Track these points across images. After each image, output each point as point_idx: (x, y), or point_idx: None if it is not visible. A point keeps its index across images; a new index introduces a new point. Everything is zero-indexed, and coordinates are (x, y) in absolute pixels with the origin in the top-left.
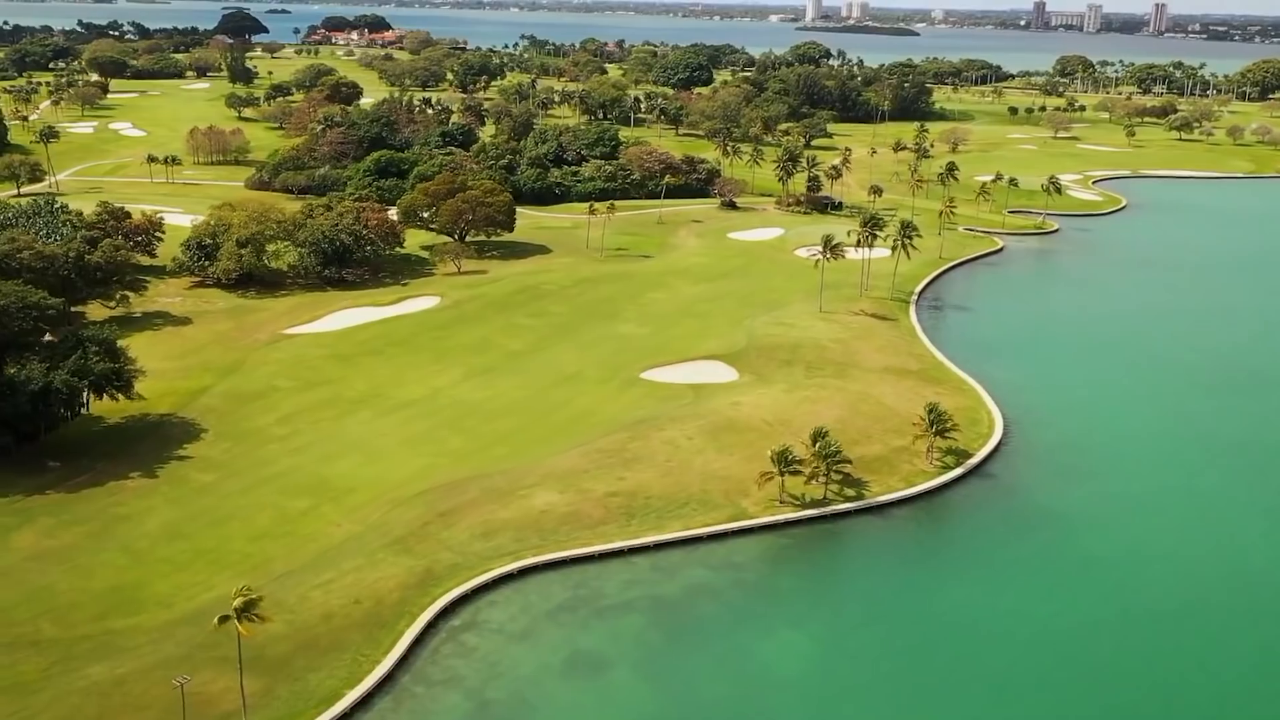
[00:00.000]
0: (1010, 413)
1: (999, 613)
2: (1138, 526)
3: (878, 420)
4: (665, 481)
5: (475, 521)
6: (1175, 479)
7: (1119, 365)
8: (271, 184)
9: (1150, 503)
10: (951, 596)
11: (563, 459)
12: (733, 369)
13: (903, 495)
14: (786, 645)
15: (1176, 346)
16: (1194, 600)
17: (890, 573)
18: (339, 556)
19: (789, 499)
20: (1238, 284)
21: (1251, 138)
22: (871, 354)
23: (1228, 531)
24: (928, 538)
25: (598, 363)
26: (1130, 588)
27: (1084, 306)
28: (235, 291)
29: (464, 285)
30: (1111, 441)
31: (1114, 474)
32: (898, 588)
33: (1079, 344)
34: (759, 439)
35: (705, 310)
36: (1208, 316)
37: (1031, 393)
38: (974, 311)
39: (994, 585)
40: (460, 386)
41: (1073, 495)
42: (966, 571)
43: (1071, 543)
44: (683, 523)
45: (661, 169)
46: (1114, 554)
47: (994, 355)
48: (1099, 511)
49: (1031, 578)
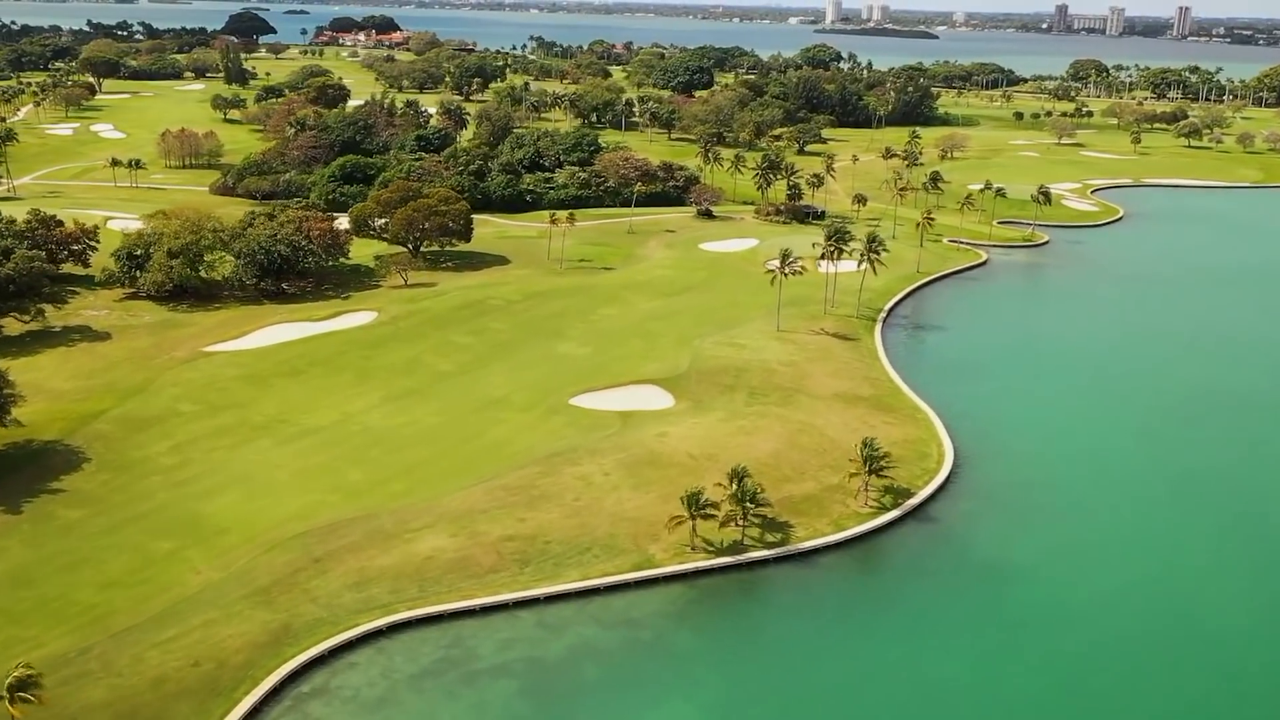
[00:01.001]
0: (964, 445)
1: (924, 681)
2: (1085, 583)
3: (816, 454)
4: (569, 524)
5: (350, 569)
6: (1135, 528)
7: (1091, 393)
8: (235, 189)
9: (1102, 554)
10: (870, 660)
11: (464, 496)
12: (669, 395)
13: (829, 541)
14: (674, 718)
15: (1157, 373)
16: (1138, 669)
17: (805, 631)
18: (190, 609)
19: (701, 545)
20: (1232, 302)
21: (1263, 145)
22: (823, 378)
23: (1189, 599)
24: (850, 590)
25: (528, 386)
26: (1068, 654)
27: (1063, 326)
28: (167, 304)
29: (406, 299)
30: (1069, 481)
31: (1066, 519)
32: (812, 649)
33: (1052, 368)
34: (681, 475)
35: (656, 328)
36: (1195, 339)
37: (990, 423)
38: (945, 331)
39: (920, 648)
40: (374, 412)
41: (1017, 543)
42: (889, 631)
43: (1009, 599)
44: (581, 571)
45: (637, 176)
46: (1053, 613)
47: (958, 380)
48: (1044, 563)
49: (962, 640)
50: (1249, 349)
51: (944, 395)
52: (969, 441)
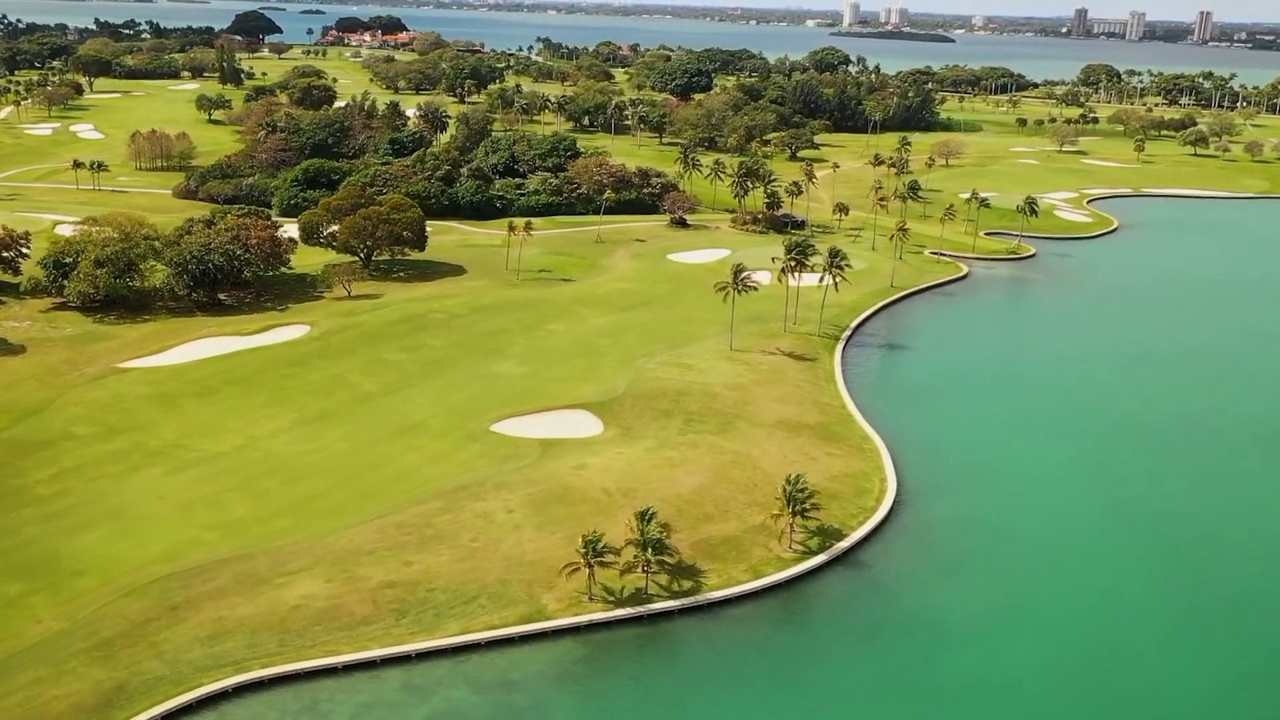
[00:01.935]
0: (910, 480)
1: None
2: (1021, 644)
3: (745, 489)
4: (459, 568)
5: (207, 619)
6: (1083, 581)
7: (1056, 421)
8: (198, 193)
9: (1044, 610)
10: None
11: (352, 535)
12: (599, 421)
13: (743, 590)
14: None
15: (1130, 399)
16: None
17: (705, 696)
18: (20, 665)
19: (600, 594)
20: (1218, 320)
21: (1271, 154)
22: (768, 403)
23: (1138, 666)
24: (760, 648)
25: (451, 410)
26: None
27: (1037, 346)
28: (94, 316)
29: (345, 312)
30: (1018, 523)
31: (1007, 567)
32: (711, 718)
33: (1018, 393)
34: (592, 514)
35: (602, 346)
36: (1175, 361)
37: (943, 454)
38: (910, 351)
39: (831, 716)
40: (281, 437)
41: (951, 594)
42: (801, 698)
43: (937, 660)
44: (462, 624)
45: (612, 182)
46: (985, 677)
47: (917, 405)
48: (978, 619)
49: (882, 709)
50: (1230, 372)
51: (898, 423)
52: (916, 475)
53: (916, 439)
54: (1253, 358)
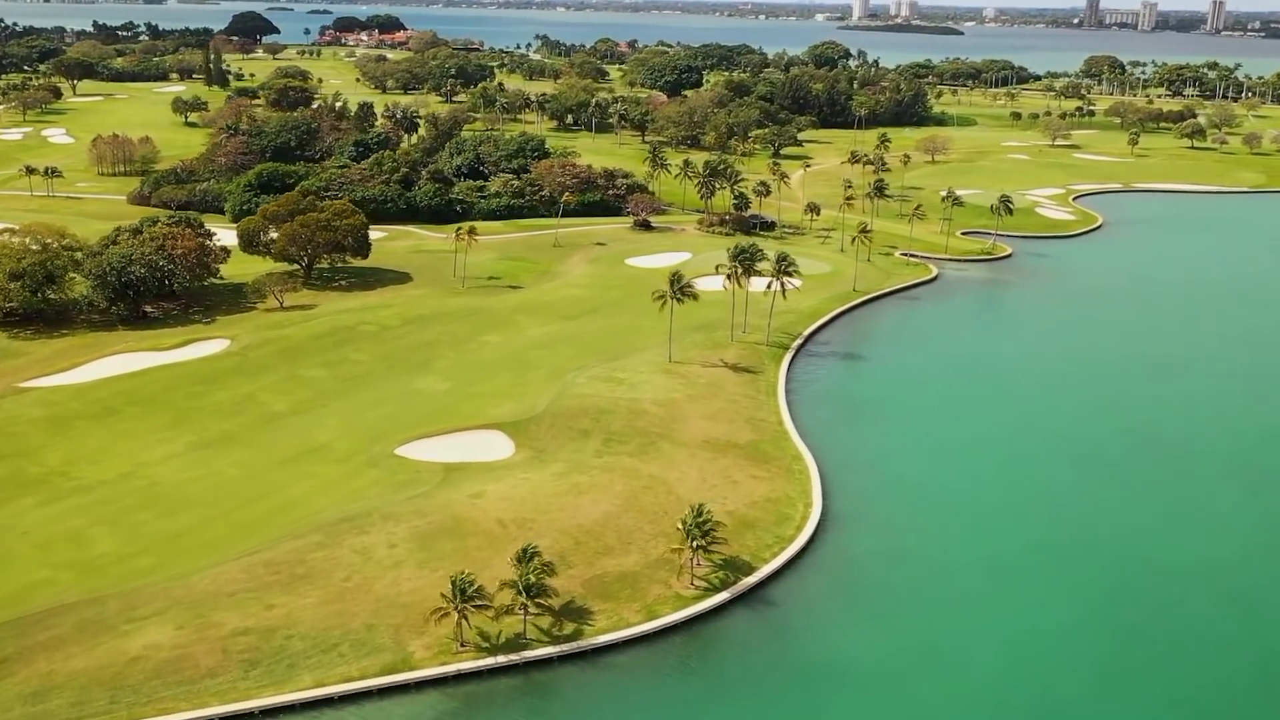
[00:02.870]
0: (839, 505)
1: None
2: (936, 694)
3: (655, 518)
4: (324, 612)
5: (37, 673)
6: (1010, 619)
7: (1008, 439)
8: (150, 199)
9: (960, 654)
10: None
11: (217, 574)
12: (511, 442)
13: (632, 634)
14: None
15: (1090, 413)
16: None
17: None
18: None
19: (474, 641)
20: (1195, 326)
21: (1270, 145)
22: (698, 421)
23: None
24: (642, 700)
25: (359, 431)
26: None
27: (1000, 356)
28: (11, 330)
29: (271, 325)
30: (947, 553)
31: (930, 605)
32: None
33: (973, 407)
34: (480, 548)
35: (536, 359)
36: (1143, 372)
37: (880, 475)
38: (864, 360)
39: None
40: (171, 463)
41: (861, 637)
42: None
43: (831, 713)
44: (317, 675)
45: (575, 184)
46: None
47: (861, 421)
48: (884, 665)
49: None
50: (1196, 383)
51: (838, 441)
52: (847, 500)
53: (854, 459)
54: (1222, 366)
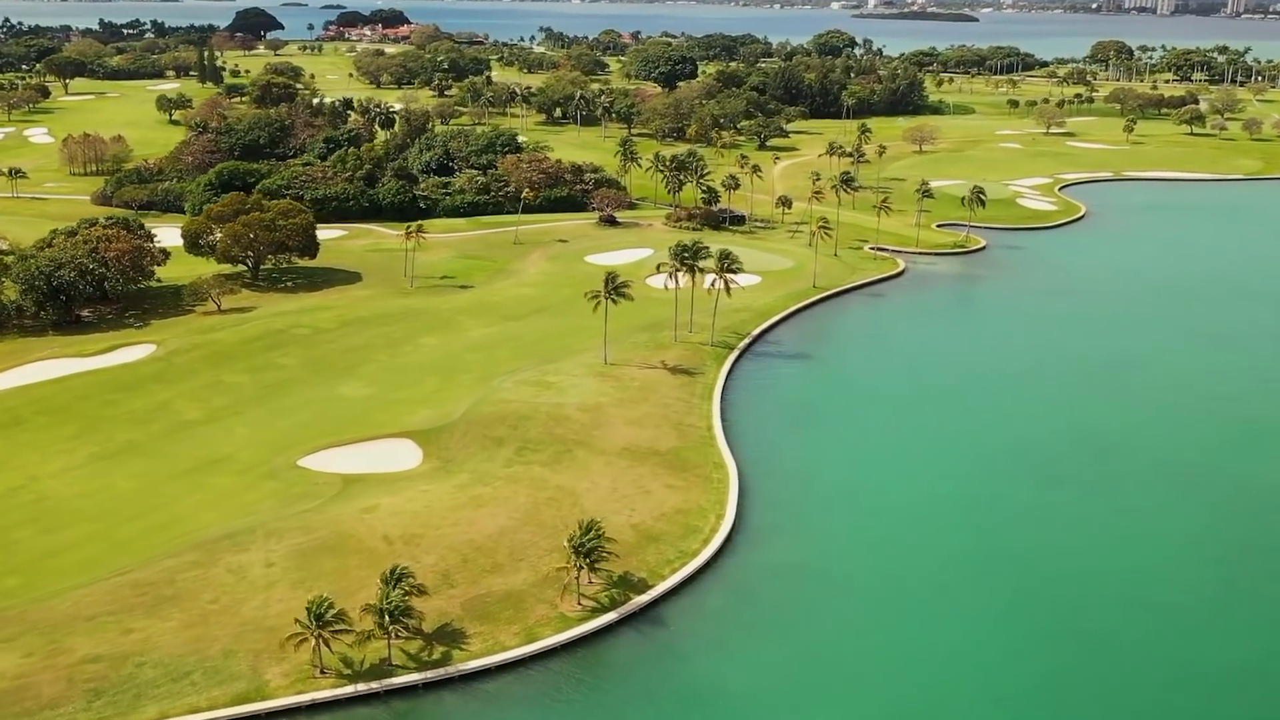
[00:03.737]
0: (756, 516)
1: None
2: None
3: (552, 533)
4: (184, 636)
5: None
6: (920, 641)
7: (949, 444)
8: (113, 199)
9: (861, 683)
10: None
11: (80, 596)
12: (420, 451)
13: (507, 658)
14: None
15: (1042, 417)
16: None
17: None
18: None
19: (336, 667)
20: (1164, 323)
21: (1271, 131)
22: (621, 427)
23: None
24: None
25: (267, 441)
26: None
27: (956, 355)
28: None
29: (203, 329)
30: (863, 569)
31: (833, 626)
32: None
33: (919, 410)
34: (360, 566)
35: (469, 362)
36: (1101, 372)
37: (806, 484)
38: (813, 360)
39: None
40: (66, 475)
41: (750, 662)
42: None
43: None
44: (163, 706)
45: (543, 179)
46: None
47: (798, 425)
48: (771, 694)
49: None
50: (1155, 383)
51: (768, 447)
52: (765, 511)
53: (782, 466)
54: (1185, 365)
